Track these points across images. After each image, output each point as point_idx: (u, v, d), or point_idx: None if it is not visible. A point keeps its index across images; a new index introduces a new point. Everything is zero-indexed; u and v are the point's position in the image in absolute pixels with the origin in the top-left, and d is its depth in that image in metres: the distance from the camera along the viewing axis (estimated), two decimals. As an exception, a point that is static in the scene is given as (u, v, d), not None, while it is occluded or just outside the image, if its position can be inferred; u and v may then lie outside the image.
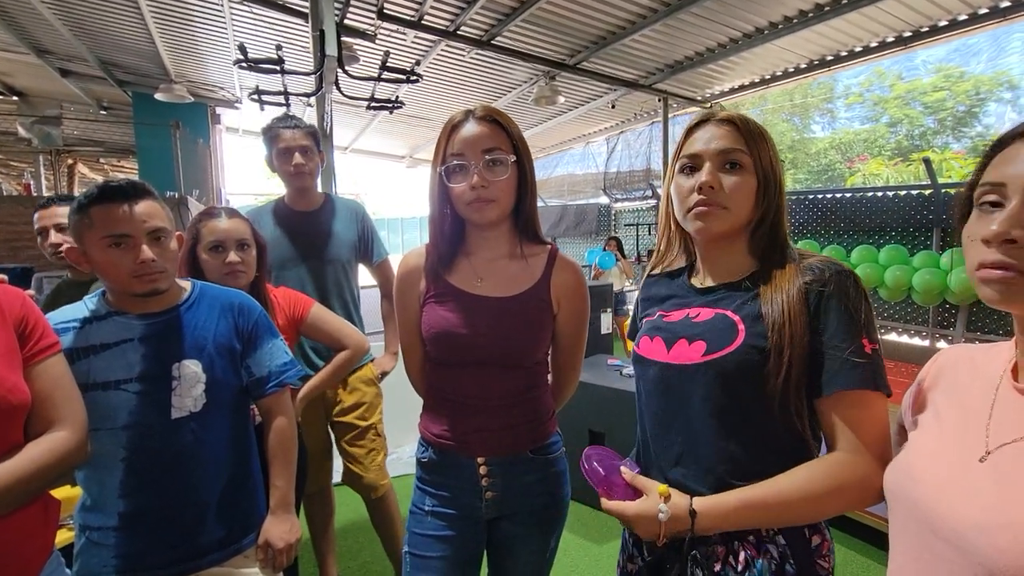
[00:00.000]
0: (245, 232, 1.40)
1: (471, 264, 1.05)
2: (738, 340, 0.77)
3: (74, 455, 0.86)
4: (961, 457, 0.59)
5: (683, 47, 4.68)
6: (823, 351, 0.74)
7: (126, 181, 1.00)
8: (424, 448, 1.10)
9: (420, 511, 1.08)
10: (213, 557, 1.06)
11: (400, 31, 4.26)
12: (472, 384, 1.03)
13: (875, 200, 4.06)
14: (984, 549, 0.51)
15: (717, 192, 0.80)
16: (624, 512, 0.78)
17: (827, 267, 0.77)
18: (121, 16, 4.45)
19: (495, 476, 1.04)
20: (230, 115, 7.34)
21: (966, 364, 0.67)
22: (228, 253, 1.36)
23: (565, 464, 1.13)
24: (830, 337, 0.74)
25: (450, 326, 1.01)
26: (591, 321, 1.20)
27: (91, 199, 0.97)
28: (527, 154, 1.01)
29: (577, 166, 8.87)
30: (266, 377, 1.14)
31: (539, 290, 1.04)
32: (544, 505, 1.08)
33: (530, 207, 1.05)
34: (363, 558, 2.26)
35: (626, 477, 0.82)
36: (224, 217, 1.39)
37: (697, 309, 0.85)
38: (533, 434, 1.06)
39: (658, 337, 0.87)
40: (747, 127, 0.82)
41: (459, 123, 0.98)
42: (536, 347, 1.05)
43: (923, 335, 3.89)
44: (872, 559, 2.22)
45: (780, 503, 0.73)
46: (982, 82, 12.97)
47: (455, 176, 0.97)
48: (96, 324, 1.01)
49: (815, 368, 0.75)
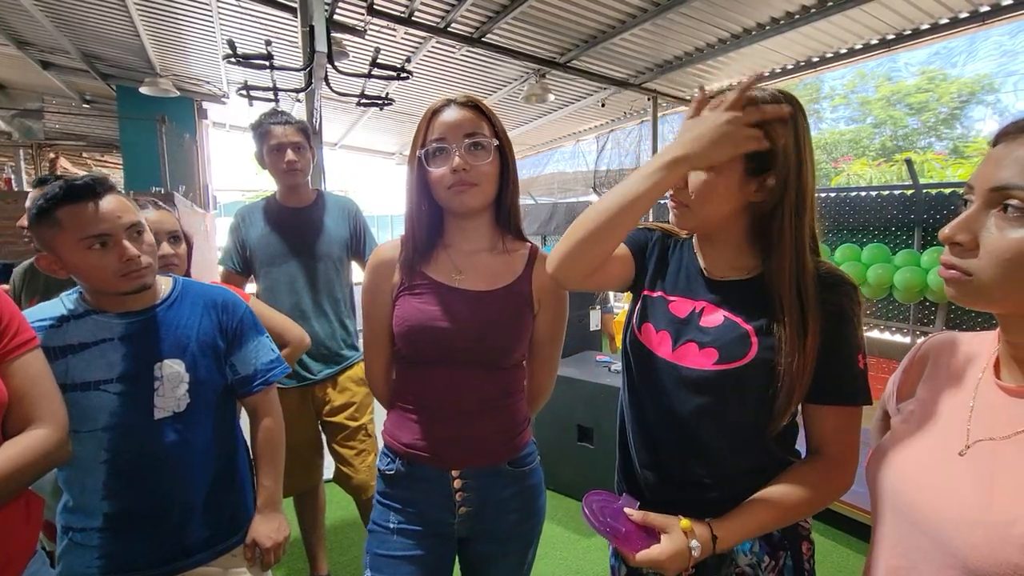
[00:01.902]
0: (175, 225, 1.37)
1: (449, 257, 1.00)
2: (751, 354, 0.79)
3: (55, 454, 0.84)
4: (942, 450, 0.60)
5: (672, 47, 4.70)
6: (827, 362, 0.77)
7: (90, 177, 0.94)
8: (390, 459, 1.02)
9: (383, 529, 1.00)
10: (200, 557, 1.05)
11: (390, 27, 4.23)
12: (446, 386, 0.97)
13: (859, 200, 4.13)
14: (958, 544, 0.52)
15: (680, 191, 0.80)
16: (656, 559, 0.75)
17: (840, 283, 0.79)
18: (104, 8, 4.37)
19: (470, 491, 0.98)
20: (217, 110, 7.22)
21: (949, 353, 0.68)
22: (160, 246, 1.31)
23: (541, 475, 1.08)
24: (836, 352, 0.77)
25: (426, 319, 0.95)
26: (580, 318, 1.20)
27: (55, 201, 0.90)
28: (508, 144, 0.98)
29: (567, 164, 8.88)
30: (252, 375, 1.13)
31: (521, 286, 1.00)
32: (520, 520, 1.03)
33: (511, 199, 1.01)
34: (353, 553, 2.26)
35: (636, 519, 0.79)
36: (151, 209, 1.35)
37: (703, 303, 0.85)
38: (510, 445, 1.01)
39: (664, 332, 0.86)
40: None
41: (440, 109, 0.95)
42: (515, 345, 1.00)
43: (904, 332, 3.96)
44: (853, 550, 2.27)
45: (786, 512, 0.80)
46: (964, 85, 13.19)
47: (435, 160, 0.94)
48: (74, 323, 0.98)
49: (821, 377, 0.77)
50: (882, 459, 0.66)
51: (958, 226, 0.56)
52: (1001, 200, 0.53)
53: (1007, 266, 0.52)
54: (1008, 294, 0.54)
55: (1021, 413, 0.56)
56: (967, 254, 0.55)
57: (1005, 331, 0.59)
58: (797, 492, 0.79)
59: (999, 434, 0.56)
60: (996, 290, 0.54)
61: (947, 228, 0.56)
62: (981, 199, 0.55)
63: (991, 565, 0.49)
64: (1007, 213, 0.52)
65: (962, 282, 0.56)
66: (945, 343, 0.70)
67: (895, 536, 0.61)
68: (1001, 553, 0.49)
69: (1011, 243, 0.52)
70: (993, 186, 0.53)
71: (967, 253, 0.55)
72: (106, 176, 0.99)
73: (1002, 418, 0.57)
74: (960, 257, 0.56)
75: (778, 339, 0.77)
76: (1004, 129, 0.55)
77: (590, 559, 2.25)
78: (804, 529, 0.87)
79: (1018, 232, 0.51)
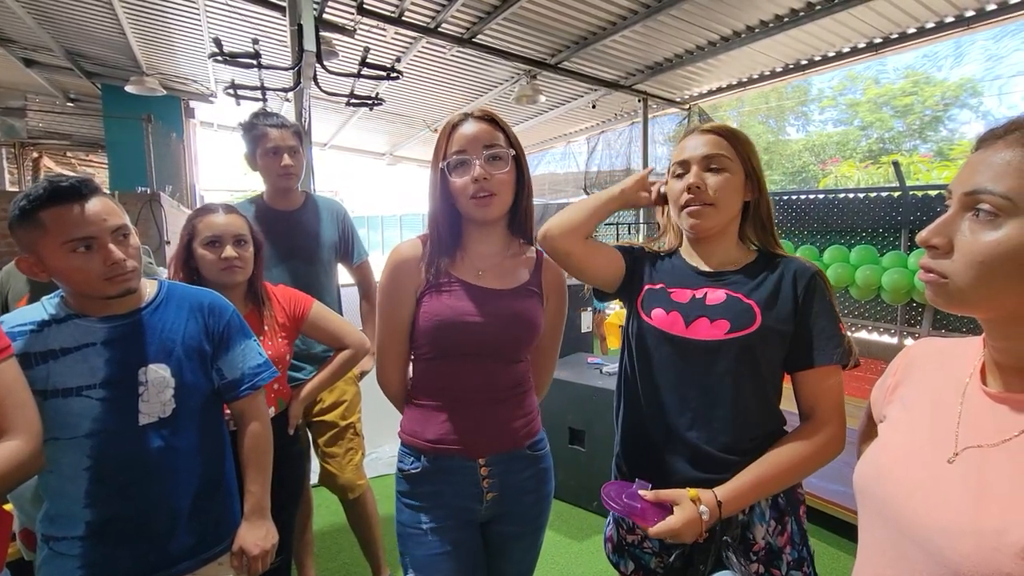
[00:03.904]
0: (242, 228, 1.38)
1: (469, 258, 1.06)
2: (757, 322, 0.91)
3: (27, 465, 0.82)
4: (930, 457, 0.59)
5: (663, 49, 4.72)
6: (811, 331, 0.92)
7: (75, 179, 0.93)
8: (413, 458, 1.04)
9: (418, 531, 1.03)
10: (185, 565, 1.03)
11: (380, 27, 4.21)
12: (472, 378, 1.02)
13: (846, 201, 4.17)
14: (949, 553, 0.52)
15: (703, 192, 0.94)
16: (672, 528, 0.84)
17: (807, 264, 0.96)
18: (88, 4, 4.30)
19: (495, 476, 1.04)
20: (204, 109, 7.14)
21: (936, 358, 0.68)
22: (225, 248, 1.33)
23: (551, 460, 1.15)
24: (816, 320, 0.92)
25: (456, 315, 1.00)
26: (571, 319, 1.23)
27: (38, 202, 0.88)
28: (523, 154, 1.05)
29: (558, 165, 8.89)
30: (239, 379, 1.11)
31: (534, 284, 1.08)
32: (535, 501, 1.10)
33: (527, 205, 1.07)
34: (342, 559, 2.24)
35: (649, 497, 0.88)
36: (222, 212, 1.37)
37: (704, 290, 0.97)
38: (527, 430, 1.08)
39: (675, 312, 0.97)
40: (731, 134, 0.96)
41: (458, 123, 1.01)
42: (533, 338, 1.07)
43: (891, 332, 4.00)
44: (843, 551, 2.28)
45: (781, 474, 0.90)
46: (948, 88, 13.40)
47: (457, 171, 0.99)
48: (55, 327, 0.96)
49: (805, 344, 0.92)
50: (869, 466, 0.66)
51: (934, 230, 0.57)
52: (974, 204, 0.54)
53: (980, 268, 0.53)
54: (984, 297, 0.54)
55: (1007, 419, 0.56)
56: (943, 257, 0.56)
57: (989, 336, 0.60)
58: (788, 453, 0.90)
59: (987, 441, 0.56)
60: (971, 292, 0.54)
61: (924, 232, 0.57)
62: (957, 203, 0.56)
63: (982, 574, 0.49)
64: (979, 216, 0.53)
65: (939, 285, 0.56)
66: (931, 349, 0.71)
67: (883, 544, 0.61)
68: (992, 562, 0.48)
69: (982, 246, 0.52)
70: (966, 190, 0.55)
71: (943, 256, 0.56)
72: (91, 177, 0.97)
73: (989, 425, 0.57)
74: (936, 260, 0.57)
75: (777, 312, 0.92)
76: (983, 135, 0.57)
77: (582, 562, 2.25)
78: (799, 494, 0.99)
79: (989, 235, 0.52)
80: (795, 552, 0.95)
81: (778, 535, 0.94)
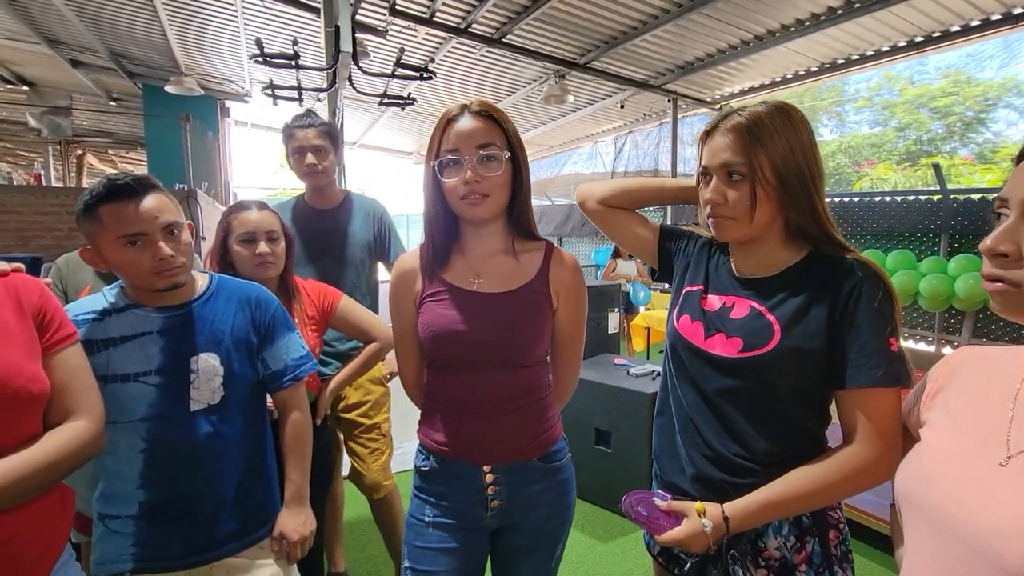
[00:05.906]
0: (274, 224, 1.42)
1: (467, 261, 1.03)
2: (773, 341, 0.85)
3: (92, 446, 0.87)
4: (980, 461, 0.59)
5: (694, 48, 4.67)
6: (847, 348, 0.81)
7: (132, 177, 0.98)
8: (425, 456, 1.06)
9: (420, 522, 1.04)
10: (228, 548, 1.07)
11: (411, 27, 4.27)
12: (471, 387, 1.00)
13: (883, 205, 4.06)
14: (1006, 555, 0.51)
15: (723, 205, 0.87)
16: (677, 537, 0.85)
17: (863, 269, 0.84)
18: (133, 7, 4.47)
19: (501, 485, 1.01)
20: (238, 108, 7.35)
21: (981, 365, 0.68)
22: (258, 244, 1.38)
23: (571, 471, 1.10)
24: (856, 335, 0.81)
25: (449, 324, 0.98)
26: (597, 320, 1.21)
27: (98, 198, 0.94)
28: (522, 150, 1.00)
29: (585, 165, 8.87)
30: (282, 370, 1.15)
31: (538, 284, 1.02)
32: (551, 515, 1.06)
33: (524, 203, 1.03)
34: (369, 551, 2.28)
35: (663, 507, 0.89)
36: (255, 209, 1.42)
37: (733, 299, 0.94)
38: (540, 440, 1.03)
39: (699, 322, 0.95)
40: (751, 132, 0.83)
41: (454, 117, 0.96)
42: (536, 343, 1.02)
43: (929, 340, 3.88)
44: (874, 561, 2.23)
45: (797, 497, 0.83)
46: (991, 88, 12.89)
47: (448, 170, 0.96)
48: (115, 316, 1.02)
49: (840, 362, 0.82)
50: (912, 472, 0.65)
51: (1000, 237, 0.56)
52: None
53: None
54: None
55: None
56: (1012, 265, 0.55)
57: None
58: (810, 476, 0.82)
59: None
60: None
61: (988, 240, 0.56)
62: (1018, 210, 0.55)
63: None
64: None
65: (1009, 294, 0.55)
66: (977, 355, 0.70)
67: (932, 549, 0.60)
68: None
69: None
70: None
71: (1012, 264, 0.55)
72: (150, 176, 1.02)
73: None
74: (1005, 269, 0.55)
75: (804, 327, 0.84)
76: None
77: (606, 564, 2.25)
78: (832, 517, 0.90)
79: None
80: (811, 573, 0.89)
81: (795, 552, 0.89)
